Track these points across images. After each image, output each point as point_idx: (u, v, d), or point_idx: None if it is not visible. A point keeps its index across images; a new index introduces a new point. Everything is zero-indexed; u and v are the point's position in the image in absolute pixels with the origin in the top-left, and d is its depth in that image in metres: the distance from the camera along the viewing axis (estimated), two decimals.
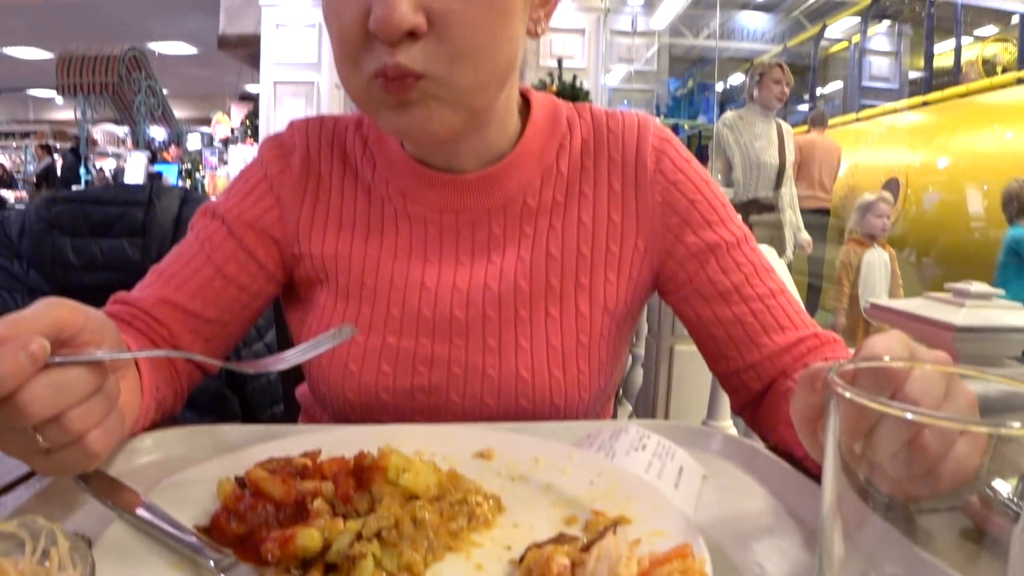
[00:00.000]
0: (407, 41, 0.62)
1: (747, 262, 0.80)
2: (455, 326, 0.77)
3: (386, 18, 0.60)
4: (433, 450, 0.58)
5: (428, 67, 0.63)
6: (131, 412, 0.59)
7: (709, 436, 0.68)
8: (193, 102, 17.82)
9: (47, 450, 0.47)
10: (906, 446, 0.32)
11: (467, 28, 0.63)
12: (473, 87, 0.67)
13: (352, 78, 0.67)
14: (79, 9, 11.13)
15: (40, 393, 0.45)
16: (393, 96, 0.65)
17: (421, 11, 0.61)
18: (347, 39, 0.65)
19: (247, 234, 0.79)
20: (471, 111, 0.69)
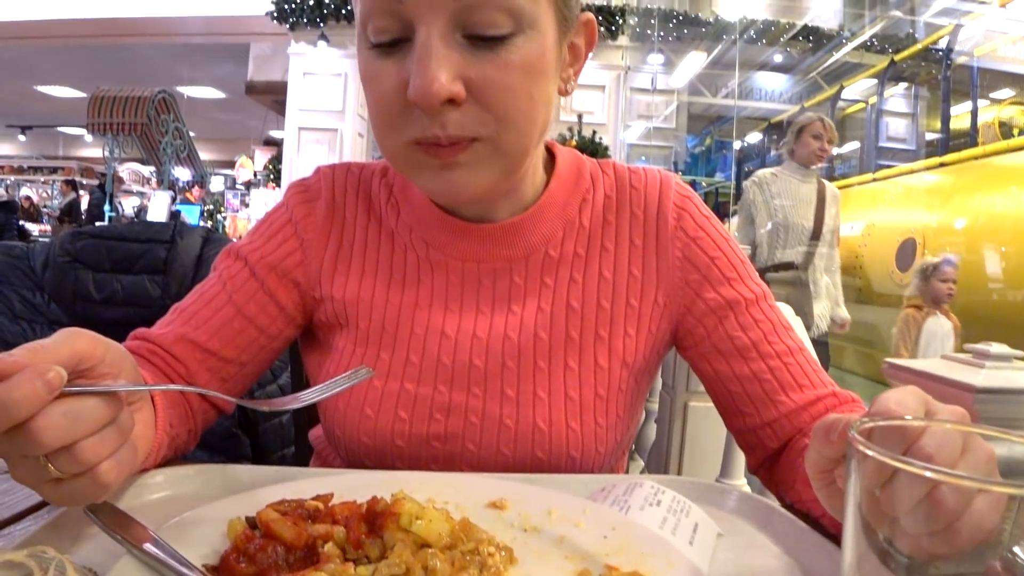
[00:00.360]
0: (447, 109, 0.63)
1: (766, 319, 0.80)
2: (473, 375, 0.77)
3: (425, 88, 0.61)
4: (446, 498, 0.57)
5: (479, 130, 0.65)
6: (144, 445, 0.59)
7: (724, 493, 0.67)
8: (218, 145, 18.18)
9: (58, 479, 0.47)
10: (923, 502, 0.32)
11: (507, 95, 0.65)
12: (518, 149, 0.69)
13: (390, 142, 0.68)
14: (115, 52, 11.47)
15: (53, 421, 0.45)
16: (439, 159, 0.66)
17: (459, 80, 0.63)
18: (386, 107, 0.66)
19: (269, 276, 0.80)
20: (512, 171, 0.71)
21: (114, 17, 9.07)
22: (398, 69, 0.64)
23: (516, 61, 0.64)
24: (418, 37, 0.62)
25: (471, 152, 0.66)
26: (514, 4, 0.63)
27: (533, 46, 0.65)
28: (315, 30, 8.03)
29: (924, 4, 8.01)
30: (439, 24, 0.62)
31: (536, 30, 0.66)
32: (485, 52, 0.63)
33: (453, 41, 0.63)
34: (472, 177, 0.68)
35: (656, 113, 8.62)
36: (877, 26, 8.42)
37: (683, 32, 8.38)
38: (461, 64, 0.63)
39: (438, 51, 0.62)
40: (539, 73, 0.67)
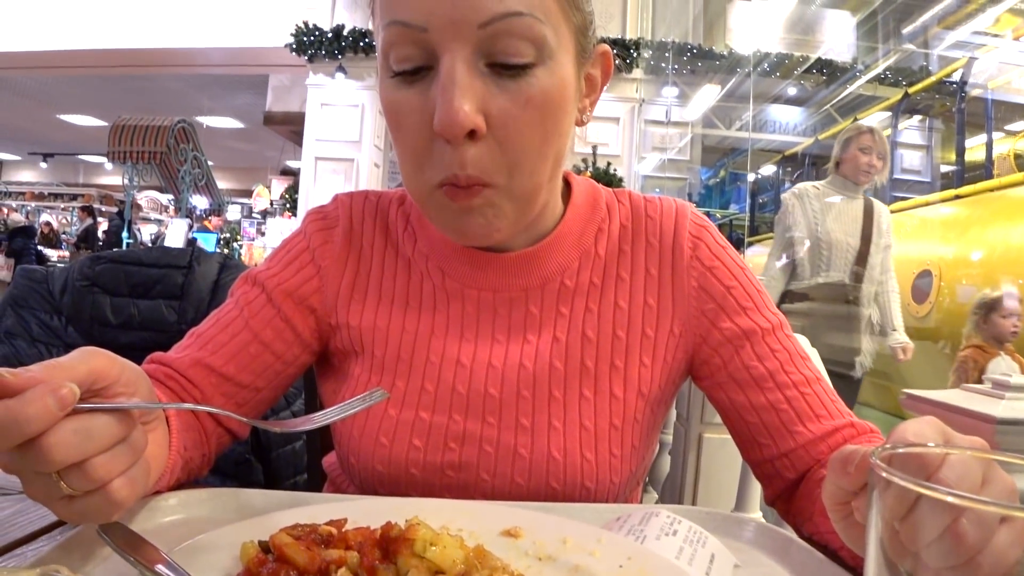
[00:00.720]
0: (468, 142, 0.64)
1: (782, 349, 0.79)
2: (488, 404, 0.76)
3: (450, 118, 0.62)
4: (460, 525, 0.57)
5: (492, 176, 0.66)
6: (157, 465, 0.59)
7: (741, 524, 0.66)
8: (236, 174, 18.40)
9: (70, 496, 0.47)
10: (945, 534, 0.31)
11: (524, 131, 0.66)
12: (530, 191, 0.70)
13: (418, 184, 0.70)
14: (136, 82, 11.68)
15: (65, 438, 0.45)
16: (458, 203, 0.67)
17: (482, 112, 0.64)
18: (412, 143, 0.67)
19: (286, 302, 0.81)
20: (527, 210, 0.72)
21: (137, 48, 9.24)
22: (422, 100, 0.65)
23: (536, 95, 0.65)
24: (442, 66, 0.63)
25: (483, 196, 0.67)
26: (538, 33, 0.64)
27: (553, 79, 0.66)
28: (333, 62, 8.14)
29: (937, 37, 8.04)
30: (463, 52, 0.63)
31: (556, 61, 0.66)
32: (507, 82, 0.64)
33: (476, 70, 0.64)
34: (488, 222, 0.69)
35: (670, 145, 8.65)
36: (891, 59, 8.44)
37: (697, 65, 8.43)
38: (484, 95, 0.64)
39: (462, 80, 0.62)
40: (557, 106, 0.68)
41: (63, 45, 9.35)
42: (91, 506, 0.48)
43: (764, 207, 10.63)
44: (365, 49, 8.04)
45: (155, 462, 0.58)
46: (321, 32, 8.10)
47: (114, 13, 9.16)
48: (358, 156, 8.32)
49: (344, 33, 8.06)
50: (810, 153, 8.73)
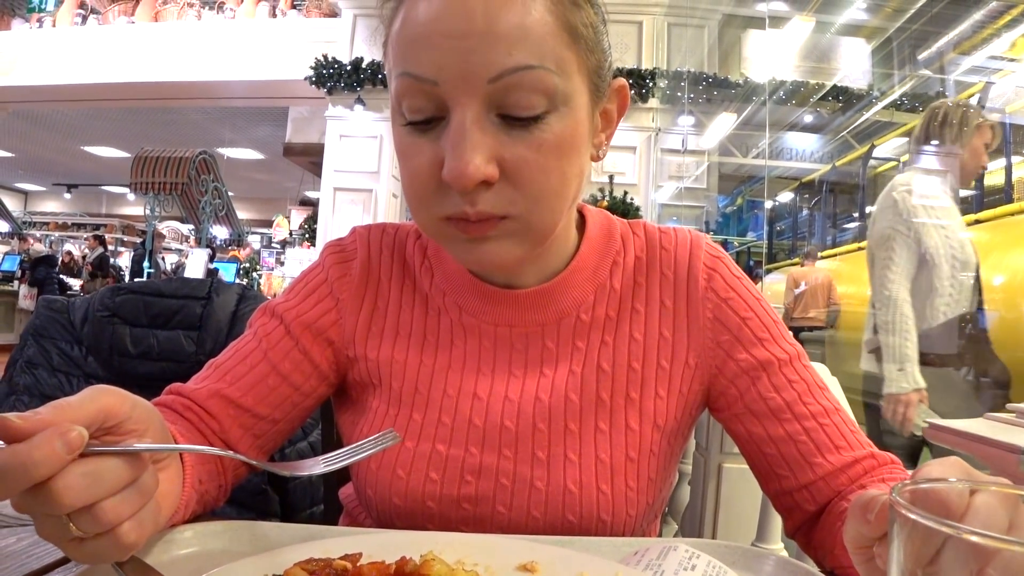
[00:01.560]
0: (481, 189, 0.64)
1: (800, 379, 0.78)
2: (505, 437, 0.76)
3: (460, 171, 0.62)
4: (475, 560, 0.56)
5: (508, 209, 0.66)
6: (169, 503, 0.59)
7: (761, 558, 0.65)
8: (255, 204, 18.64)
9: (80, 538, 0.48)
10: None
11: (540, 175, 0.65)
12: (548, 225, 0.69)
13: (423, 216, 0.69)
14: (159, 115, 11.91)
15: (74, 482, 0.45)
16: (470, 235, 0.67)
17: (493, 162, 0.64)
18: (420, 184, 0.67)
19: (304, 334, 0.81)
20: (540, 243, 0.72)
21: (160, 81, 9.43)
22: (432, 147, 0.65)
23: (550, 140, 0.65)
24: (452, 118, 0.63)
25: (500, 228, 0.67)
26: (548, 84, 0.63)
27: (567, 123, 0.66)
28: (352, 94, 8.27)
29: (953, 63, 8.02)
30: (474, 107, 0.63)
31: (570, 107, 0.66)
32: (519, 132, 0.64)
33: (487, 122, 0.63)
34: (501, 251, 0.69)
35: (687, 173, 8.66)
36: (907, 85, 8.44)
37: (713, 94, 8.47)
38: (495, 146, 0.64)
39: (472, 134, 0.62)
40: (572, 150, 0.67)
41: (88, 79, 9.56)
42: (100, 548, 0.48)
43: (782, 234, 10.59)
44: (383, 82, 8.05)
45: (167, 500, 0.58)
46: (340, 65, 8.23)
47: (138, 48, 9.38)
48: (376, 187, 8.41)
49: (363, 66, 8.20)
50: (827, 180, 8.71)
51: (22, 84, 9.85)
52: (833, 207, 8.96)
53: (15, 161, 16.48)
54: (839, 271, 7.32)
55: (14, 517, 0.69)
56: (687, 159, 8.59)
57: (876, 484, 0.72)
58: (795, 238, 10.00)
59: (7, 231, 15.41)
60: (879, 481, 0.73)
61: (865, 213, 7.82)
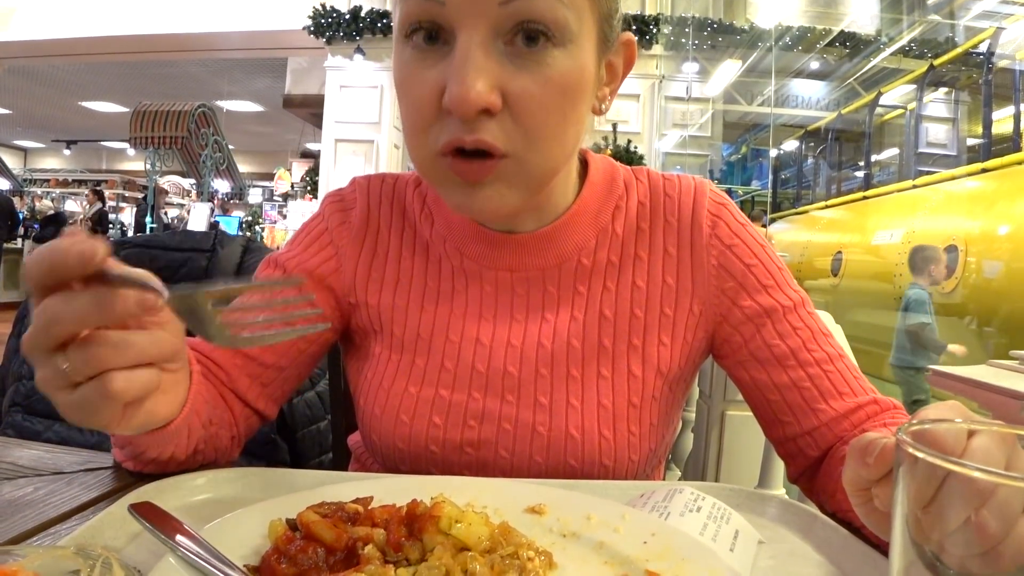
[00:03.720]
0: (482, 118, 0.63)
1: (804, 326, 0.79)
2: (507, 382, 0.77)
3: (462, 95, 0.60)
4: (484, 503, 0.58)
5: (507, 147, 0.64)
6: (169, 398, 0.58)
7: (765, 500, 0.66)
8: (256, 158, 18.52)
9: (72, 386, 0.48)
10: (966, 523, 0.31)
11: (540, 111, 0.64)
12: (543, 170, 0.69)
13: (421, 150, 0.68)
14: (157, 68, 11.76)
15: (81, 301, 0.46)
16: (465, 179, 0.66)
17: (497, 90, 0.62)
18: (420, 112, 0.65)
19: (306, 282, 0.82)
20: (537, 190, 0.71)
21: (156, 34, 9.28)
22: (435, 75, 0.64)
23: (555, 77, 0.64)
24: (458, 42, 0.62)
25: (496, 172, 0.66)
26: (559, 16, 0.62)
27: (573, 62, 0.65)
28: (351, 44, 8.13)
29: (964, 8, 7.87)
30: (481, 30, 0.62)
31: (577, 46, 0.65)
32: (524, 62, 0.63)
33: (493, 49, 0.62)
34: (496, 197, 0.68)
35: (691, 122, 8.57)
36: (915, 31, 8.28)
37: (718, 40, 8.32)
38: (500, 74, 0.62)
39: (477, 59, 0.61)
40: (575, 91, 0.66)
41: (83, 32, 9.41)
42: (88, 395, 0.48)
43: (786, 183, 10.52)
44: (383, 30, 8.01)
45: (169, 392, 0.57)
46: (339, 14, 8.08)
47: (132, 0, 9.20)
48: (378, 138, 8.33)
49: (362, 14, 8.04)
50: (833, 128, 8.61)
51: (17, 39, 9.71)
52: (839, 155, 8.88)
53: (13, 118, 16.34)
54: (843, 220, 7.29)
55: (31, 468, 0.71)
56: (691, 107, 8.49)
57: (878, 428, 0.73)
58: (800, 187, 9.93)
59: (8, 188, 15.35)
60: (881, 426, 0.74)
61: (871, 161, 7.76)
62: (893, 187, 6.89)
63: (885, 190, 6.90)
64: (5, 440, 0.82)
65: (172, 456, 0.67)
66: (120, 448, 0.68)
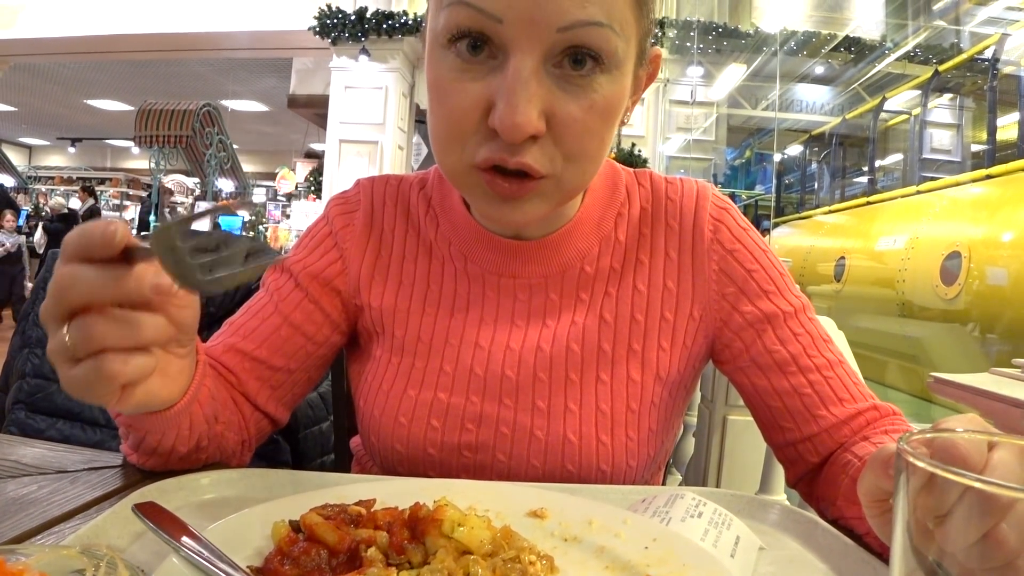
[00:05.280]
0: (526, 142, 0.63)
1: (805, 332, 0.79)
2: (506, 386, 0.77)
3: (515, 123, 0.60)
4: (487, 506, 0.58)
5: (547, 168, 0.65)
6: (171, 382, 0.58)
7: (766, 507, 0.66)
8: (261, 157, 18.55)
9: (75, 362, 0.48)
10: (983, 537, 0.30)
11: (585, 135, 0.64)
12: (577, 187, 0.69)
13: (454, 159, 0.67)
14: (162, 67, 11.78)
15: (86, 271, 0.46)
16: (502, 194, 0.66)
17: (543, 115, 0.62)
18: (459, 123, 0.64)
19: (312, 285, 0.82)
20: (566, 203, 0.72)
21: (162, 33, 9.31)
22: (480, 88, 0.63)
23: (600, 102, 0.64)
24: (511, 63, 0.61)
25: (532, 190, 0.66)
26: (611, 45, 0.62)
27: (616, 87, 0.65)
28: (356, 44, 8.15)
29: (968, 14, 7.86)
30: (536, 54, 0.61)
31: (621, 71, 0.65)
32: (572, 88, 0.63)
33: (544, 73, 0.62)
34: (528, 211, 0.68)
35: (695, 125, 8.58)
36: (920, 36, 8.28)
37: (722, 44, 8.33)
38: (548, 98, 0.62)
39: (531, 85, 0.60)
40: (615, 115, 0.67)
41: (89, 31, 9.44)
42: (84, 372, 0.48)
43: (790, 187, 10.51)
44: (388, 31, 8.03)
45: (171, 375, 0.57)
46: (344, 15, 8.10)
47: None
48: (382, 138, 8.34)
49: (367, 15, 8.06)
50: (837, 133, 8.60)
51: (24, 37, 9.73)
52: (843, 160, 8.87)
53: (18, 115, 16.39)
54: (847, 226, 7.28)
55: (35, 467, 0.71)
56: (695, 111, 8.50)
57: (879, 436, 0.73)
58: (803, 191, 9.92)
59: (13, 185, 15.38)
60: (882, 433, 0.74)
61: (874, 167, 7.75)
62: (897, 193, 6.88)
63: (889, 196, 6.89)
64: (9, 438, 0.83)
65: (173, 447, 0.67)
66: (124, 435, 0.68)
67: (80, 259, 0.47)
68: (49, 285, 0.47)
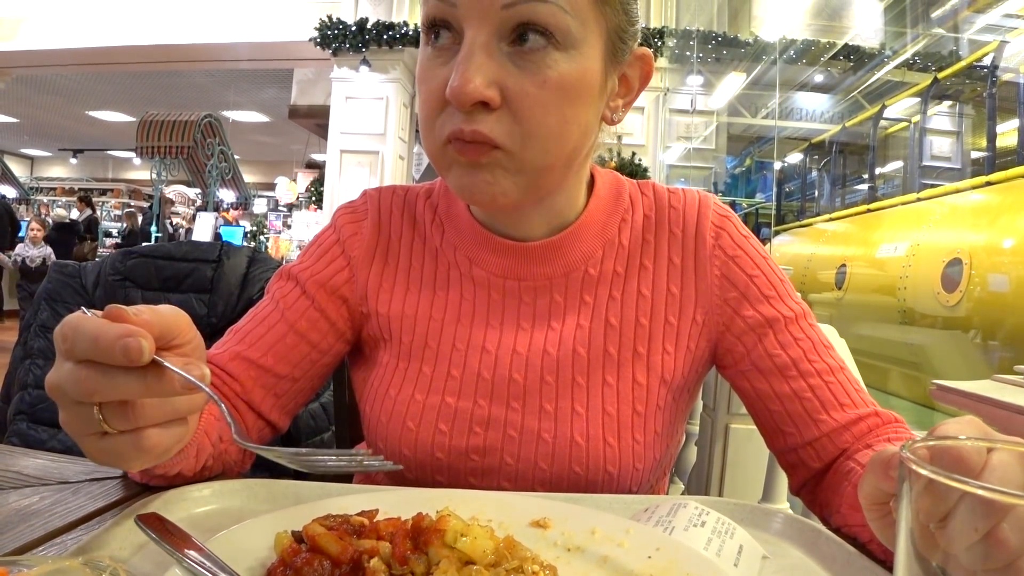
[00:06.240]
0: (481, 111, 0.66)
1: (805, 337, 0.80)
2: (513, 389, 0.78)
3: (459, 88, 0.64)
4: (489, 516, 0.58)
5: (503, 139, 0.67)
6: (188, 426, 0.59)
7: (770, 515, 0.66)
8: (262, 168, 18.59)
9: (103, 433, 0.48)
10: (984, 538, 0.31)
11: (538, 111, 0.67)
12: (540, 167, 0.70)
13: (430, 139, 0.72)
14: (163, 78, 11.83)
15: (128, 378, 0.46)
16: (465, 158, 0.69)
17: (495, 86, 0.66)
18: (430, 104, 0.70)
19: (319, 293, 0.83)
20: (533, 187, 0.72)
21: (163, 44, 9.34)
22: (445, 71, 0.68)
23: (554, 79, 0.67)
24: (464, 40, 0.66)
25: (491, 156, 0.68)
26: (560, 22, 0.66)
27: (573, 66, 0.67)
28: (357, 55, 8.17)
29: (967, 21, 7.88)
30: (485, 31, 0.66)
31: (580, 52, 0.68)
32: (525, 64, 0.66)
33: (496, 49, 0.66)
34: (494, 183, 0.70)
35: (695, 134, 8.59)
36: (919, 44, 8.30)
37: (722, 53, 8.35)
38: (500, 73, 0.66)
39: (477, 56, 0.65)
40: (576, 95, 0.69)
41: (91, 42, 9.48)
42: (120, 447, 0.49)
43: (791, 195, 10.52)
44: (389, 42, 8.06)
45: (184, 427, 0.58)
46: (345, 26, 8.13)
47: (141, 10, 9.27)
48: (383, 149, 8.36)
49: (368, 26, 8.09)
50: (837, 140, 8.62)
51: (26, 49, 9.77)
52: (843, 168, 8.88)
53: (20, 126, 16.44)
54: (847, 233, 7.28)
55: (36, 478, 0.71)
56: (696, 119, 8.52)
57: (882, 442, 0.73)
58: (804, 199, 9.93)
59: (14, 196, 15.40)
60: (884, 439, 0.74)
61: (875, 174, 7.75)
62: (897, 200, 6.89)
63: (889, 203, 6.89)
64: (11, 449, 0.83)
65: (179, 473, 0.67)
66: None
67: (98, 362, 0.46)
68: (68, 377, 0.46)
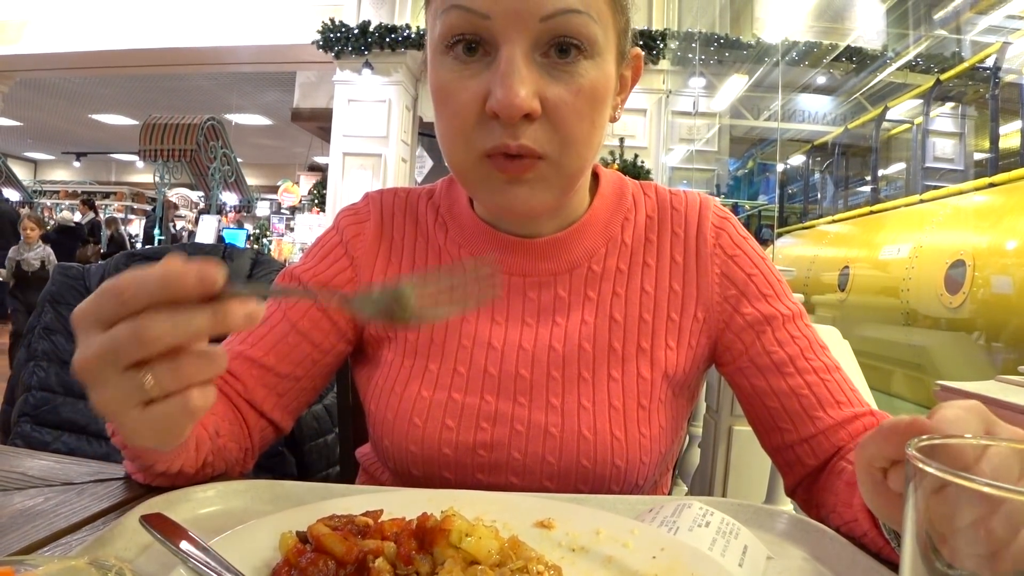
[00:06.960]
0: (523, 123, 0.68)
1: (802, 336, 0.81)
2: (519, 385, 0.78)
3: (508, 100, 0.65)
4: (494, 517, 0.58)
5: (545, 148, 0.69)
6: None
7: (774, 516, 0.66)
8: (264, 171, 18.62)
9: (147, 402, 0.46)
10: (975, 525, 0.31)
11: (574, 118, 0.69)
12: (575, 171, 0.73)
13: (463, 154, 0.72)
14: (166, 81, 11.86)
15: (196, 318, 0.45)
16: (507, 174, 0.70)
17: (537, 97, 0.67)
18: (462, 118, 0.70)
19: (322, 293, 0.83)
20: (568, 190, 0.75)
21: (166, 47, 9.37)
22: (478, 83, 0.68)
23: (586, 86, 0.69)
24: (502, 53, 0.67)
25: (536, 171, 0.70)
26: (591, 32, 0.68)
27: (599, 73, 0.70)
28: (360, 58, 8.19)
29: (970, 22, 7.87)
30: (523, 43, 0.67)
31: (603, 58, 0.71)
32: (559, 74, 0.68)
33: (533, 60, 0.68)
34: (533, 195, 0.72)
35: (698, 136, 8.59)
36: (921, 46, 8.29)
37: (724, 55, 8.36)
38: (539, 83, 0.68)
39: (521, 68, 0.66)
40: (601, 100, 0.71)
41: (94, 46, 9.51)
42: (169, 409, 0.46)
43: (793, 197, 10.51)
44: (391, 45, 8.07)
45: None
46: (348, 29, 8.15)
47: (144, 14, 9.30)
48: (385, 151, 8.37)
49: (370, 29, 8.11)
50: (840, 142, 8.61)
51: (29, 52, 9.80)
52: (845, 170, 8.88)
53: (24, 130, 16.49)
54: (850, 235, 7.28)
55: (41, 479, 0.71)
56: (698, 122, 8.52)
57: None
58: (807, 201, 9.93)
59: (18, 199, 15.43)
60: None
61: (877, 176, 7.75)
62: (900, 202, 6.88)
63: (892, 205, 6.89)
64: (15, 450, 0.83)
65: (181, 470, 0.67)
66: (130, 458, 0.68)
67: (165, 303, 0.45)
68: (121, 335, 0.44)
